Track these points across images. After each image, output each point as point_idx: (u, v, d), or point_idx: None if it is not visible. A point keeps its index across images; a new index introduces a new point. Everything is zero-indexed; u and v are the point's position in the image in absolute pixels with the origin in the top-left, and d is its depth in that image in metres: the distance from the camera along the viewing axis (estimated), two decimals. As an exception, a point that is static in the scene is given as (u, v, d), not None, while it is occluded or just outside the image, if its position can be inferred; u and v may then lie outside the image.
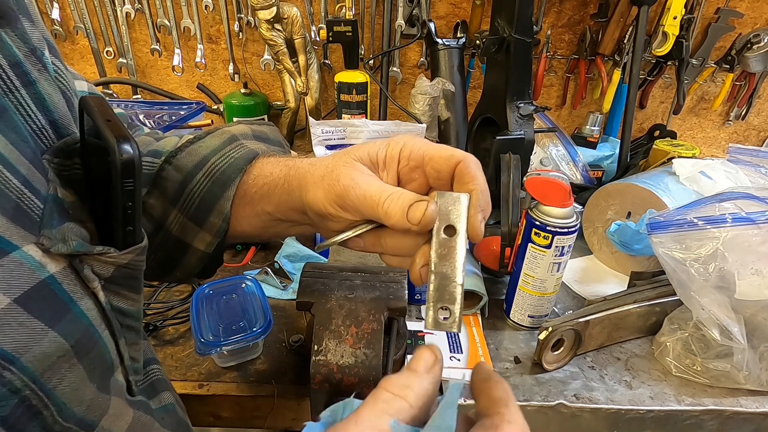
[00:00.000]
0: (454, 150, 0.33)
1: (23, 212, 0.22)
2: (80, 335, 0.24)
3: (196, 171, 0.39)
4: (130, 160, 0.24)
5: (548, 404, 0.54)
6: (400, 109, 0.94)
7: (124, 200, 0.25)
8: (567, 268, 0.63)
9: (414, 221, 0.31)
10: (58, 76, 0.28)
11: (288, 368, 0.57)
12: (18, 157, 0.23)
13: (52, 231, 0.23)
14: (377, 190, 0.32)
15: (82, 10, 1.04)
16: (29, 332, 0.21)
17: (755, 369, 0.55)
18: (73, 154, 0.27)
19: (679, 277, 0.57)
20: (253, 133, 0.45)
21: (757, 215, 0.54)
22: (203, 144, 0.41)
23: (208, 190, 0.39)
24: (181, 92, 1.15)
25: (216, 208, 0.39)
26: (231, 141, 0.42)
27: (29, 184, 0.23)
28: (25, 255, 0.22)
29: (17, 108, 0.24)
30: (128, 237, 0.26)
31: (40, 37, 0.27)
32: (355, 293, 0.49)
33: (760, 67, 1.06)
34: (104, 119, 0.25)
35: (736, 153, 0.81)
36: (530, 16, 0.70)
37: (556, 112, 1.19)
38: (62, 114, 0.27)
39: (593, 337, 0.61)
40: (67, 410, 0.23)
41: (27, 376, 0.21)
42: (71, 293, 0.24)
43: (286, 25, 0.98)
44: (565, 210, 0.58)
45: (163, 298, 0.68)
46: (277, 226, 0.41)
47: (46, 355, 0.22)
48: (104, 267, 0.26)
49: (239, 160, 0.40)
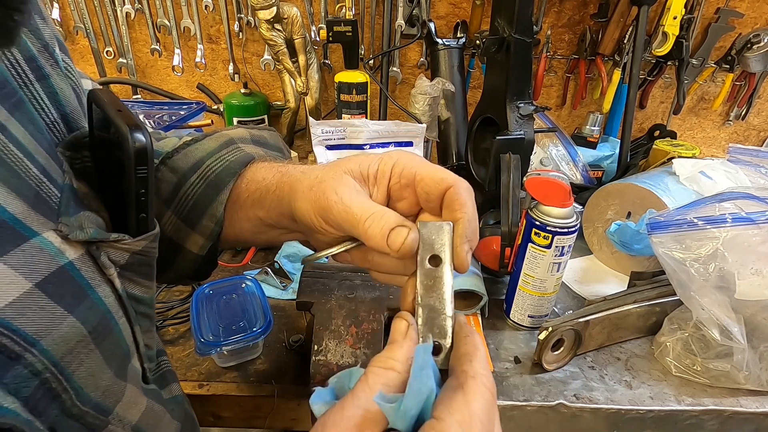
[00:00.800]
0: (445, 173, 0.32)
1: (42, 200, 0.23)
2: (97, 321, 0.25)
3: (191, 173, 0.39)
4: (143, 148, 0.25)
5: (548, 404, 0.54)
6: (400, 109, 0.94)
7: (137, 187, 0.26)
8: (567, 268, 0.63)
9: (393, 247, 0.29)
10: (68, 72, 0.29)
11: (288, 368, 0.57)
12: (36, 147, 0.23)
13: (69, 219, 0.24)
14: (359, 208, 0.31)
15: (82, 10, 1.04)
16: (49, 316, 0.22)
17: (755, 369, 0.55)
18: (83, 148, 0.27)
19: (679, 277, 0.57)
20: (251, 137, 0.45)
21: (757, 215, 0.54)
22: (200, 146, 0.41)
23: (201, 192, 0.39)
24: (181, 92, 1.15)
25: (209, 211, 0.39)
26: (227, 144, 0.41)
27: (47, 173, 0.23)
28: (45, 241, 0.22)
29: (31, 101, 0.25)
30: (141, 224, 0.27)
31: (51, 35, 0.28)
32: (355, 293, 0.49)
33: (760, 67, 1.05)
34: (115, 109, 0.26)
35: (736, 153, 0.81)
36: (530, 16, 0.70)
37: (556, 112, 1.19)
38: (73, 108, 0.28)
39: (593, 337, 0.61)
40: (84, 395, 0.24)
41: (47, 359, 0.21)
42: (89, 280, 0.24)
43: (286, 25, 0.98)
44: (565, 210, 0.58)
45: (163, 298, 0.68)
46: (268, 232, 0.41)
47: (65, 339, 0.22)
48: (119, 254, 0.26)
49: (234, 164, 0.39)
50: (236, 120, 1.06)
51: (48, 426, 0.22)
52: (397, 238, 0.29)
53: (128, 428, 0.28)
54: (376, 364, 0.26)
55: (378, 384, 0.25)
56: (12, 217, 0.21)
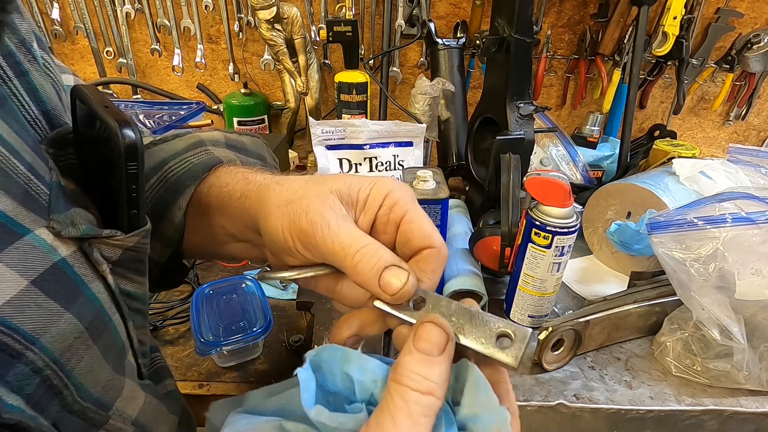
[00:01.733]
0: (434, 231, 0.30)
1: (32, 197, 0.22)
2: (93, 317, 0.24)
3: (152, 174, 0.37)
4: (132, 144, 0.24)
5: (548, 404, 0.54)
6: (400, 109, 0.94)
7: (128, 183, 0.25)
8: (567, 268, 0.63)
9: (388, 291, 0.27)
10: (47, 68, 0.28)
11: (288, 368, 0.57)
12: (22, 145, 0.23)
13: (60, 216, 0.23)
14: (349, 237, 0.28)
15: (82, 10, 1.04)
16: (47, 313, 0.22)
17: (755, 369, 0.55)
18: (67, 144, 0.27)
19: (679, 277, 0.57)
20: (226, 140, 0.42)
21: (757, 215, 0.54)
22: (166, 146, 0.39)
23: (160, 196, 0.36)
24: (181, 92, 1.16)
25: (167, 216, 0.36)
26: (195, 146, 0.39)
27: (34, 171, 0.23)
28: (38, 238, 0.22)
29: (12, 98, 0.24)
30: (133, 220, 0.27)
31: (29, 29, 0.27)
32: (355, 293, 0.49)
33: (760, 67, 1.06)
34: (102, 105, 0.25)
35: (736, 153, 0.81)
36: (530, 16, 0.70)
37: (556, 112, 1.19)
38: (54, 105, 0.27)
39: (593, 337, 0.61)
40: (84, 390, 0.24)
41: (47, 356, 0.21)
42: (82, 276, 0.24)
43: (286, 25, 0.98)
44: (565, 210, 0.58)
45: (163, 298, 0.68)
46: (232, 243, 0.37)
47: (63, 335, 0.22)
48: (112, 250, 0.26)
49: (197, 167, 0.36)
50: (236, 120, 1.07)
51: (51, 422, 0.22)
52: (393, 281, 0.27)
53: (128, 423, 0.28)
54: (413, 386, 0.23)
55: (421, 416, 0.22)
56: (3, 214, 0.20)
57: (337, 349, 0.26)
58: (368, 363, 0.26)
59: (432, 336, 0.24)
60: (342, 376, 0.26)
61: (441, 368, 0.24)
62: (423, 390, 0.23)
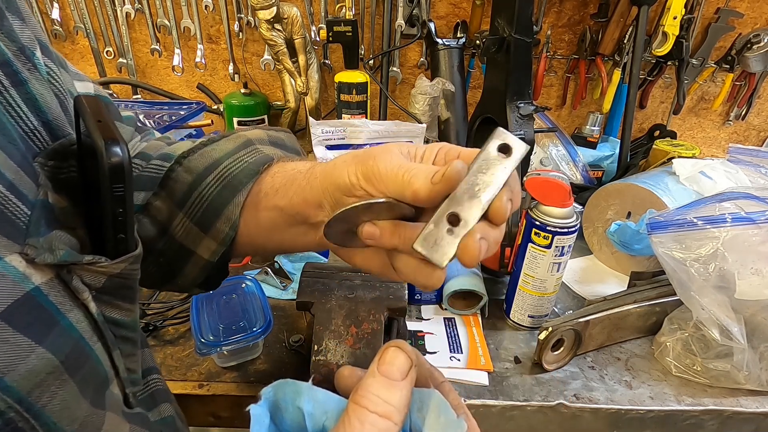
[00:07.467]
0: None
1: (7, 220, 0.21)
2: (70, 349, 0.23)
3: (207, 173, 0.38)
4: (119, 164, 0.23)
5: (548, 404, 0.54)
6: (400, 109, 0.94)
7: (114, 207, 0.24)
8: (567, 268, 0.63)
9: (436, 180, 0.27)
10: (51, 77, 0.27)
11: (288, 368, 0.57)
12: (5, 161, 0.21)
13: (38, 240, 0.22)
14: (407, 163, 0.30)
15: (82, 10, 1.04)
16: (14, 349, 0.20)
17: (755, 369, 0.55)
18: (69, 156, 0.26)
19: (679, 277, 0.57)
20: (269, 138, 0.44)
21: (757, 215, 0.54)
22: (217, 147, 0.40)
23: (217, 194, 0.37)
24: (181, 92, 1.15)
25: (224, 213, 0.37)
26: (246, 145, 0.40)
27: (15, 189, 0.22)
28: (7, 266, 0.20)
29: (6, 109, 0.23)
30: (120, 245, 0.25)
31: (32, 37, 0.26)
32: (355, 293, 0.49)
33: (760, 67, 1.05)
34: (95, 120, 0.24)
35: (736, 153, 0.81)
36: (530, 16, 0.70)
37: (556, 112, 1.19)
38: (56, 115, 0.26)
39: (593, 337, 0.61)
40: (58, 429, 0.22)
41: (11, 397, 0.20)
42: (59, 305, 0.23)
43: (286, 25, 0.98)
44: (565, 210, 0.58)
45: (163, 298, 0.68)
46: (285, 230, 0.38)
47: (32, 372, 0.21)
48: (95, 277, 0.24)
49: (253, 165, 0.38)
50: (236, 120, 1.06)
51: None
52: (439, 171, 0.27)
53: None
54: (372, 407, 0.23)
55: None
56: None
57: (287, 383, 0.26)
58: (318, 395, 0.26)
59: (397, 360, 0.25)
60: (294, 410, 0.26)
61: (402, 393, 0.24)
62: (381, 413, 0.23)
